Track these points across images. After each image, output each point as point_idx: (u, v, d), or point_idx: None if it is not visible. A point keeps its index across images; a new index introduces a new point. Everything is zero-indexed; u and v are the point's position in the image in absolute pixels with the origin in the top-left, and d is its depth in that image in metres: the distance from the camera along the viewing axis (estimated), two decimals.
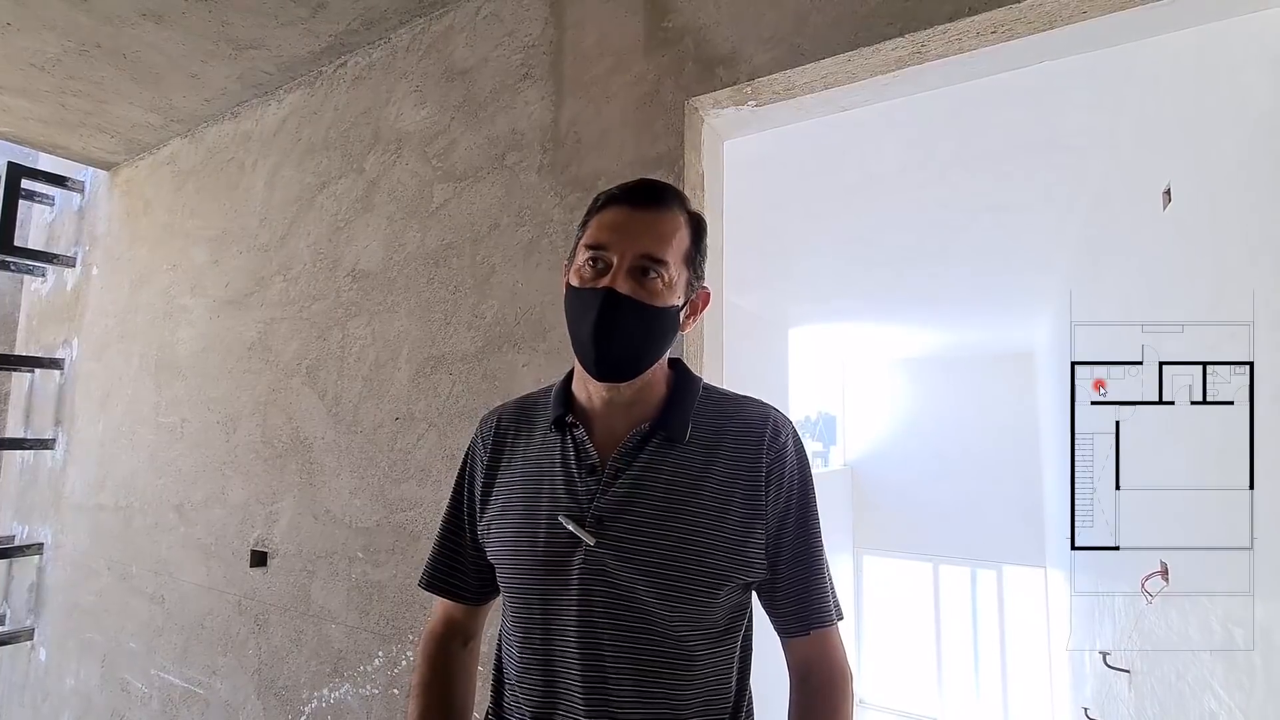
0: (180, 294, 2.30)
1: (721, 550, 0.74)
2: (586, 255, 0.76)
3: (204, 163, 2.33)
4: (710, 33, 1.29)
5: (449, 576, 0.88)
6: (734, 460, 0.78)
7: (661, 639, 0.73)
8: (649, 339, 0.76)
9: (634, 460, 0.77)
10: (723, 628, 0.77)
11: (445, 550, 0.89)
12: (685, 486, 0.76)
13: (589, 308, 0.74)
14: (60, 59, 1.92)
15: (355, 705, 1.59)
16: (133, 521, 2.29)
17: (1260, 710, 1.24)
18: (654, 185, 0.79)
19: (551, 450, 0.81)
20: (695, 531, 0.74)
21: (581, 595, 0.73)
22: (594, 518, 0.75)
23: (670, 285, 0.76)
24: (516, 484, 0.82)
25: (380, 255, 1.74)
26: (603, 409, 0.81)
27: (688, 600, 0.73)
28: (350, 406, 1.73)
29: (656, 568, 0.72)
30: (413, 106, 1.74)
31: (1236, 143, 1.29)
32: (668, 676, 0.73)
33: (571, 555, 0.74)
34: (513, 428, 0.87)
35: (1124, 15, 1.01)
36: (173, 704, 2.02)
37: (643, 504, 0.75)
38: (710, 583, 0.73)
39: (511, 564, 0.79)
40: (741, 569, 0.75)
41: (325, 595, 1.70)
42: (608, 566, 0.73)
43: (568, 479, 0.78)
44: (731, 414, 0.82)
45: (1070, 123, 2.05)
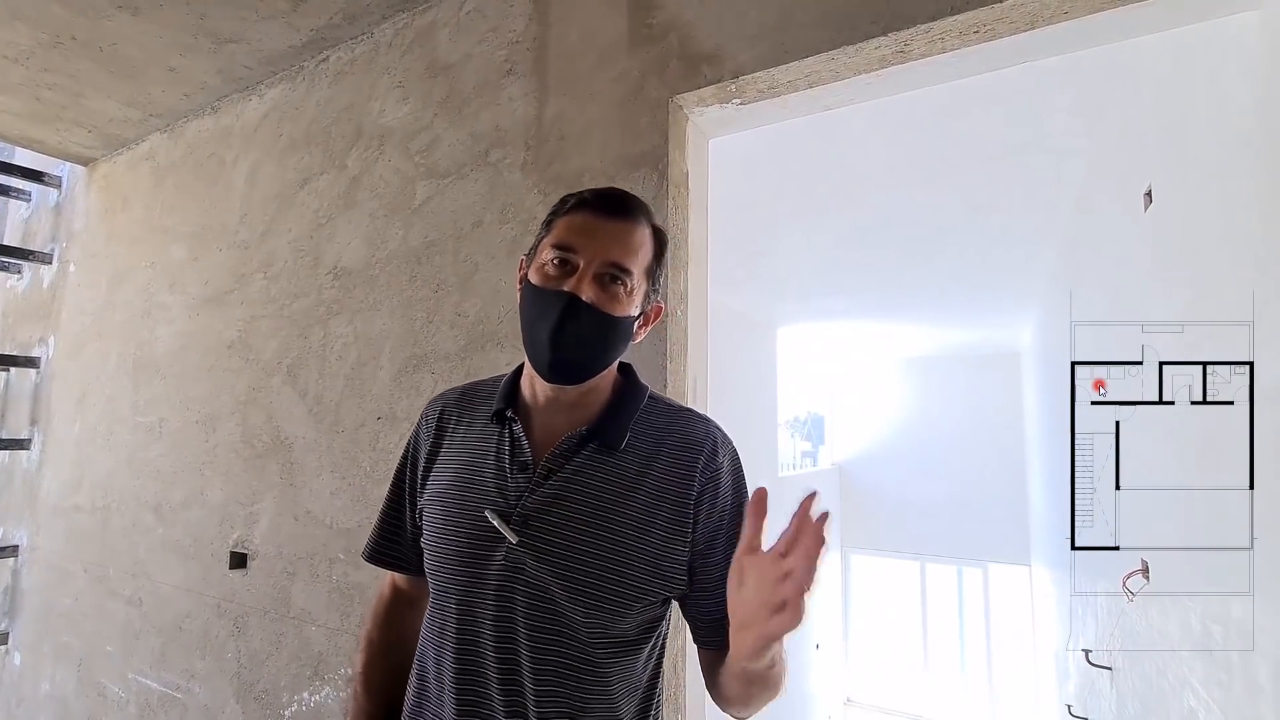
0: (159, 291, 2.26)
1: (640, 563, 0.73)
2: (553, 254, 0.76)
3: (183, 158, 2.29)
4: (694, 30, 1.29)
5: (390, 548, 0.90)
6: (667, 474, 0.77)
7: (570, 643, 0.73)
8: (603, 346, 0.76)
9: (567, 462, 0.77)
10: (632, 639, 0.76)
11: (387, 523, 0.91)
12: (614, 495, 0.75)
13: (549, 309, 0.74)
14: (34, 51, 1.89)
15: (336, 708, 1.57)
16: (110, 523, 2.25)
17: (1238, 707, 1.25)
18: (625, 196, 0.80)
19: (488, 442, 0.81)
20: (618, 541, 0.73)
21: (499, 591, 0.73)
22: (519, 516, 0.74)
23: (631, 295, 0.76)
24: (450, 472, 0.82)
25: (362, 253, 1.72)
26: (545, 406, 0.81)
27: (602, 609, 0.72)
28: (331, 406, 1.71)
29: (575, 573, 0.72)
30: (395, 102, 1.72)
31: (1216, 144, 1.30)
32: (574, 682, 0.73)
33: (494, 551, 0.74)
34: (455, 413, 0.87)
35: (1104, 16, 1.02)
36: (150, 708, 1.99)
37: (569, 507, 0.74)
38: (626, 594, 0.73)
39: (436, 552, 0.79)
40: (660, 584, 0.75)
41: (306, 597, 1.67)
42: (527, 566, 0.73)
43: (499, 473, 0.78)
44: (673, 428, 0.81)
45: (1053, 124, 2.07)
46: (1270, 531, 1.04)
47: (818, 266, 3.83)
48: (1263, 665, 1.14)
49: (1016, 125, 2.08)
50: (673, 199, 1.27)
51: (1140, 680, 1.95)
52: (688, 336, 1.29)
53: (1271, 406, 1.03)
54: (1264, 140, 1.08)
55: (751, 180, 2.57)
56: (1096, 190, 2.32)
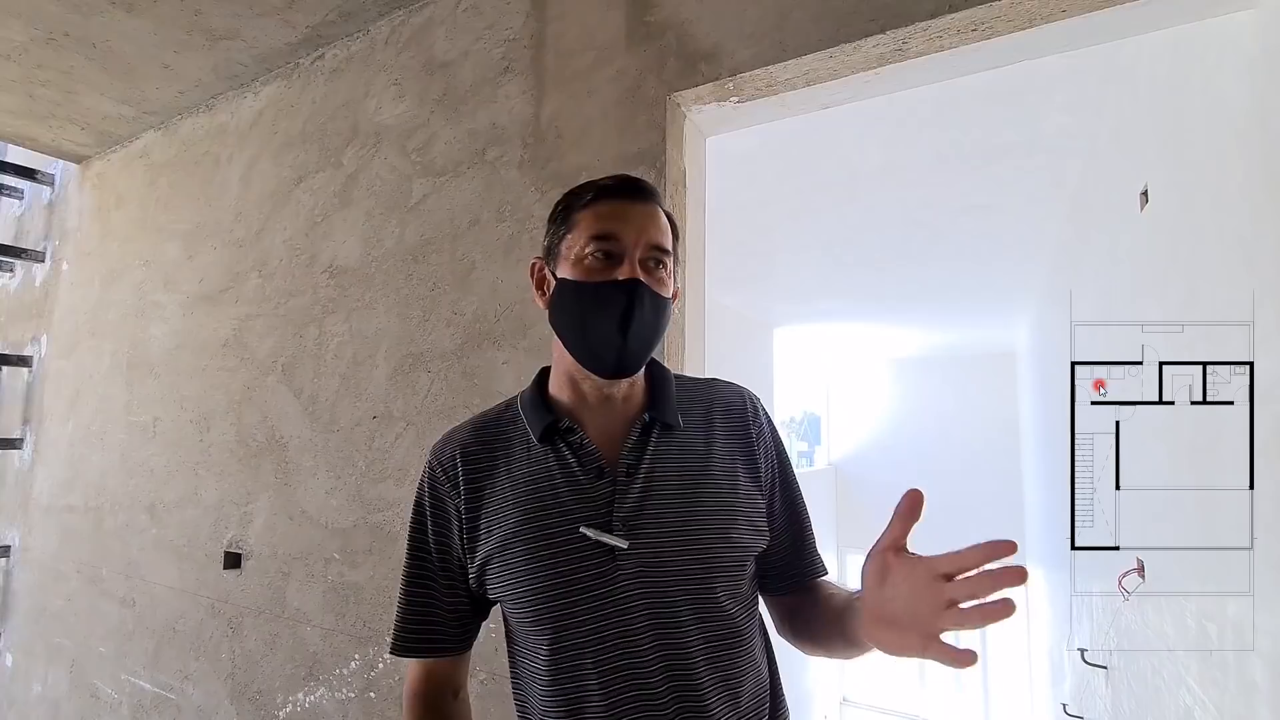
0: (153, 290, 2.25)
1: (742, 522, 0.76)
2: (594, 246, 0.72)
3: (178, 156, 2.28)
4: (692, 27, 1.28)
5: (426, 634, 0.79)
6: (729, 438, 0.80)
7: (715, 618, 0.73)
8: (659, 330, 0.76)
9: (643, 454, 0.75)
10: (751, 597, 0.79)
11: (415, 606, 0.79)
12: (696, 469, 0.76)
13: (612, 302, 0.71)
14: (27, 48, 1.87)
15: (331, 710, 1.56)
16: (103, 523, 2.24)
17: (1233, 706, 1.26)
18: (641, 180, 0.79)
19: (545, 463, 0.76)
20: (718, 510, 0.75)
21: (629, 602, 0.70)
22: (619, 520, 0.71)
23: (670, 276, 0.77)
24: (513, 509, 0.74)
25: (358, 251, 1.71)
26: (598, 407, 0.78)
27: (726, 575, 0.74)
28: (327, 405, 1.70)
29: (694, 552, 0.72)
30: (392, 100, 1.72)
31: (1212, 143, 1.30)
32: (729, 655, 0.73)
33: (603, 566, 0.70)
34: (484, 453, 0.79)
35: (1101, 15, 1.02)
36: (143, 710, 1.97)
37: (663, 495, 0.74)
38: (739, 555, 0.75)
39: (534, 595, 0.71)
40: (758, 537, 0.78)
41: (301, 597, 1.66)
42: (648, 565, 0.71)
43: (574, 487, 0.74)
44: (710, 396, 0.84)
45: (1049, 124, 2.07)
46: (1270, 531, 1.04)
47: (814, 266, 3.83)
48: (1259, 664, 1.14)
49: (1013, 125, 2.08)
50: (670, 197, 1.26)
51: (1135, 679, 1.95)
52: (685, 335, 1.29)
53: (1271, 406, 1.03)
54: (1260, 139, 1.08)
55: (749, 179, 2.57)
56: (1092, 190, 2.32)
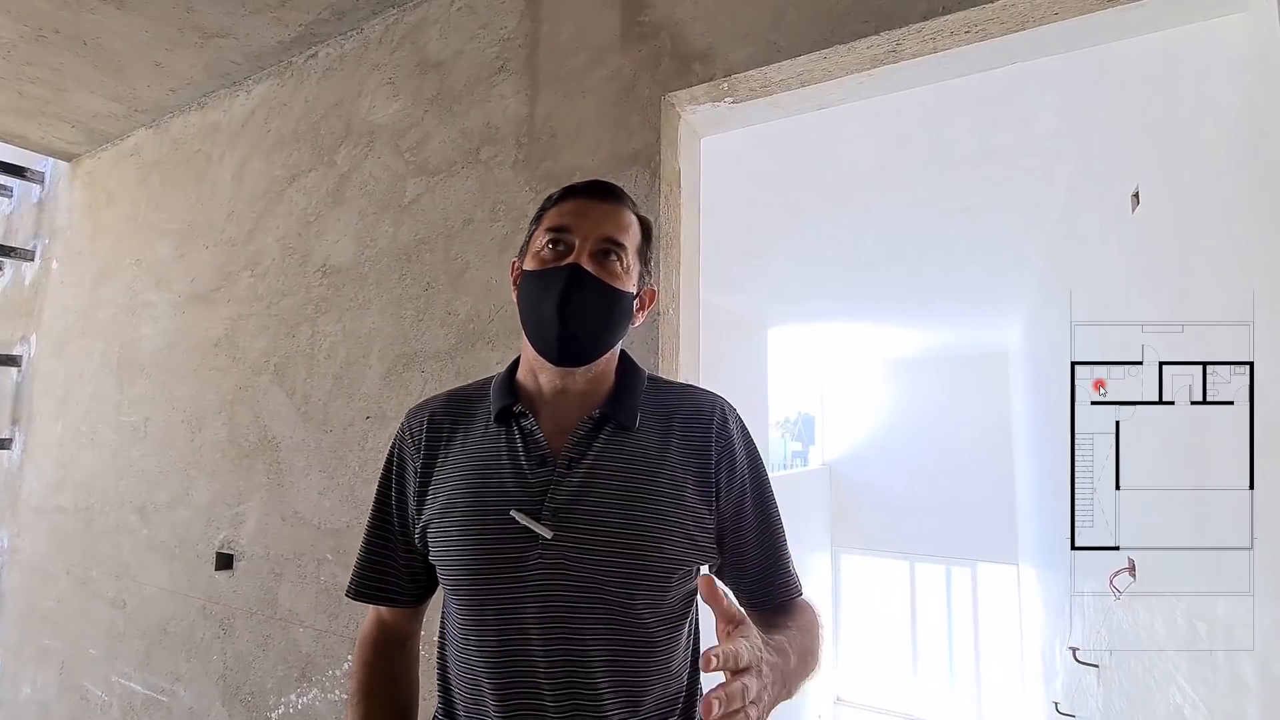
0: (144, 289, 2.23)
1: (677, 534, 0.74)
2: (547, 238, 0.77)
3: (169, 154, 2.26)
4: (687, 28, 1.28)
5: (380, 581, 0.84)
6: (685, 446, 0.78)
7: (626, 626, 0.72)
8: (609, 320, 0.76)
9: (588, 449, 0.76)
10: (678, 611, 0.77)
11: (373, 555, 0.85)
12: (641, 473, 0.75)
13: (552, 286, 0.74)
14: (16, 44, 1.85)
15: (324, 711, 1.56)
16: (93, 524, 2.22)
17: (1223, 704, 1.27)
18: (609, 183, 0.82)
19: (495, 443, 0.79)
20: (653, 517, 0.73)
21: (542, 590, 0.71)
22: (549, 510, 0.73)
23: (628, 271, 0.78)
24: (458, 481, 0.78)
25: (351, 250, 1.70)
26: (553, 398, 0.79)
27: (649, 585, 0.73)
28: (320, 405, 1.69)
29: (618, 555, 0.72)
30: (385, 99, 1.71)
31: (1203, 145, 1.31)
32: (635, 664, 0.73)
33: (527, 551, 0.72)
34: (447, 422, 0.83)
35: (1094, 18, 1.03)
36: (134, 712, 1.96)
37: (599, 493, 0.74)
38: (667, 567, 0.74)
39: (459, 565, 0.75)
40: (695, 553, 0.76)
41: (293, 598, 1.66)
42: (568, 559, 0.71)
43: (516, 472, 0.76)
44: (679, 403, 0.82)
45: (1042, 126, 2.08)
46: (1270, 531, 1.05)
47: (809, 266, 3.84)
48: (1249, 663, 1.15)
49: (1005, 127, 2.09)
50: (664, 197, 1.26)
51: (1126, 677, 1.96)
52: (679, 336, 1.29)
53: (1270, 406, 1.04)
54: (1250, 140, 1.09)
55: (743, 179, 2.57)
56: (1085, 192, 2.33)
